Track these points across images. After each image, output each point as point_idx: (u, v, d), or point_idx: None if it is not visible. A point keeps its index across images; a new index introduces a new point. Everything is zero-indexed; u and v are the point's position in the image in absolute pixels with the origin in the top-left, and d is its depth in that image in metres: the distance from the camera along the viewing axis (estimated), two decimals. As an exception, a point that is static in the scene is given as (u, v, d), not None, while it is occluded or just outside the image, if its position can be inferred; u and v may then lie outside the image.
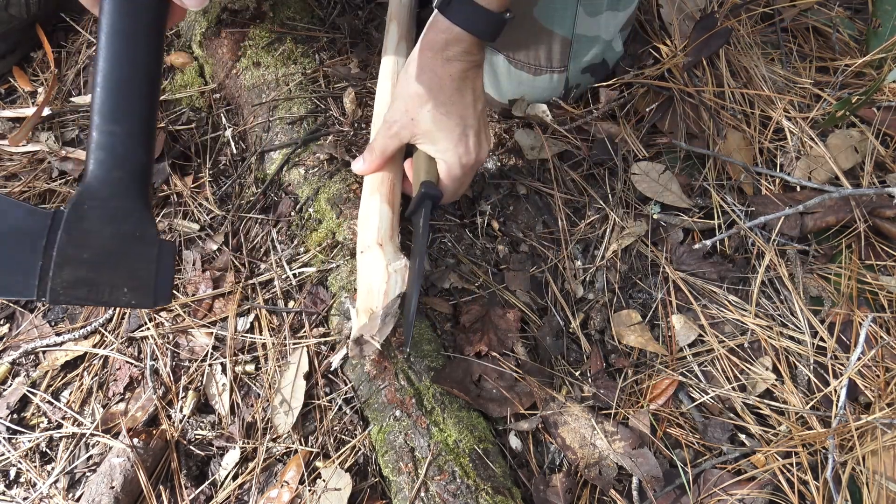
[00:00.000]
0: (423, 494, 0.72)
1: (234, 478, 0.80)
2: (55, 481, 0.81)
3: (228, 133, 1.08)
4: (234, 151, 1.06)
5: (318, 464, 0.79)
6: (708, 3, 1.20)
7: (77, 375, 0.88)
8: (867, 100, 1.03)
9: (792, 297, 0.95)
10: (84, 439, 0.83)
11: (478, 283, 0.92)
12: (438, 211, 0.95)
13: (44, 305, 0.94)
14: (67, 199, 0.54)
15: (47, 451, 0.83)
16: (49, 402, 0.86)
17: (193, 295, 0.93)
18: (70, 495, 0.80)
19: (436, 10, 0.77)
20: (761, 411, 0.87)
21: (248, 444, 0.82)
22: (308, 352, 0.86)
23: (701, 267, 0.98)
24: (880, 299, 0.96)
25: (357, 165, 0.89)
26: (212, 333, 0.89)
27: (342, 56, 1.13)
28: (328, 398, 0.84)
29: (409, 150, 0.90)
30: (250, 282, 0.93)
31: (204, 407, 0.86)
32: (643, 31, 1.17)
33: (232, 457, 0.81)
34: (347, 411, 0.83)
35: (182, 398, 0.85)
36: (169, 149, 1.04)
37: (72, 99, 1.12)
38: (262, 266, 0.95)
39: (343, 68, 1.10)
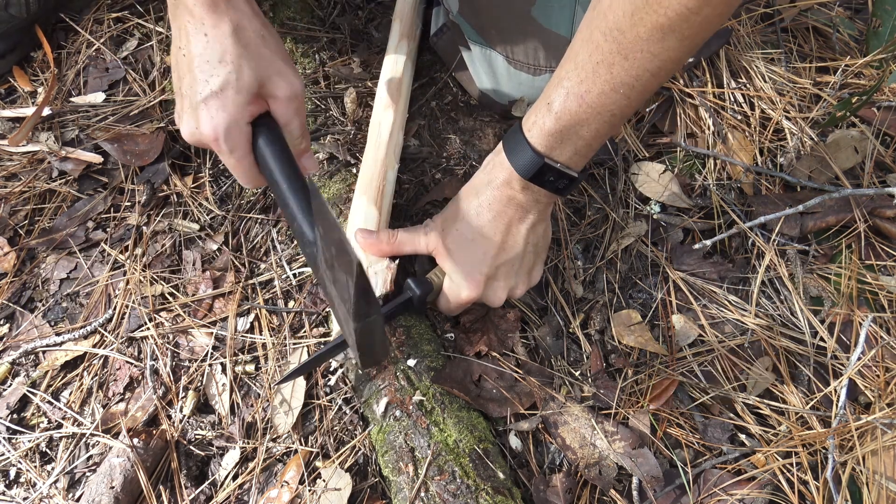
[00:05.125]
0: (423, 494, 0.72)
1: (234, 478, 0.80)
2: (55, 481, 0.81)
3: (228, 133, 1.08)
4: (234, 151, 1.06)
5: (318, 464, 0.79)
6: (708, 3, 1.20)
7: (77, 375, 0.88)
8: (867, 100, 1.03)
9: (792, 297, 0.95)
10: (84, 439, 0.83)
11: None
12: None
13: (43, 305, 0.94)
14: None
15: (47, 451, 0.83)
16: (49, 402, 0.86)
17: (193, 295, 0.93)
18: (70, 495, 0.80)
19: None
20: (761, 411, 0.87)
21: (248, 444, 0.82)
22: (308, 352, 0.86)
23: (701, 267, 0.98)
24: (880, 299, 0.96)
25: (365, 236, 0.82)
26: (212, 333, 0.89)
27: (343, 56, 1.13)
28: (328, 398, 0.84)
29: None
30: (250, 282, 0.93)
31: (204, 407, 0.86)
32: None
33: (232, 457, 0.81)
34: (347, 411, 0.83)
35: (182, 398, 0.85)
36: (169, 149, 1.04)
37: (72, 99, 1.12)
38: (262, 266, 0.95)
39: (345, 68, 1.10)
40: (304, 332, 0.88)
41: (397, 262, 0.83)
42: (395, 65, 1.00)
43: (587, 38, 0.63)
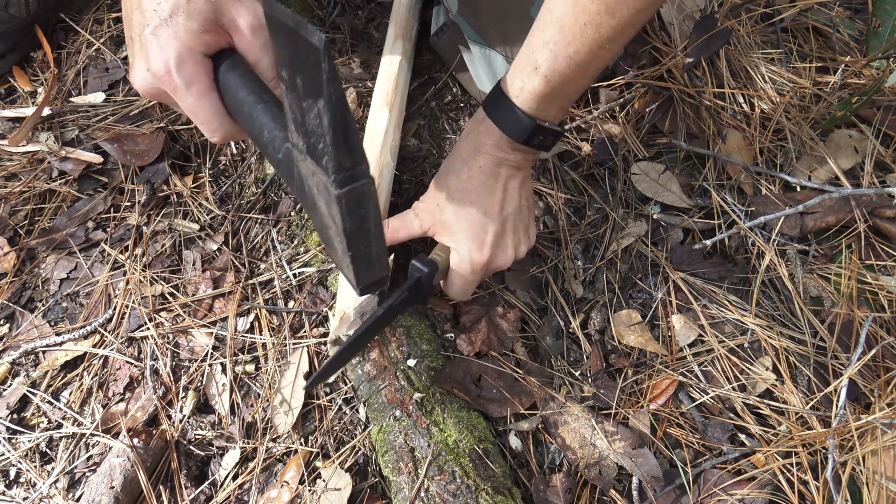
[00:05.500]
0: (423, 494, 0.72)
1: (234, 478, 0.80)
2: (55, 481, 0.81)
3: (228, 133, 1.08)
4: (234, 151, 1.06)
5: (318, 464, 0.79)
6: (708, 3, 1.20)
7: (77, 375, 0.88)
8: (867, 100, 1.03)
9: (792, 297, 0.95)
10: (84, 439, 0.83)
11: (478, 283, 0.91)
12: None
13: (43, 305, 0.94)
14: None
15: (47, 451, 0.83)
16: (49, 402, 0.86)
17: (193, 295, 0.93)
18: (70, 495, 0.80)
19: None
20: (761, 411, 0.87)
21: (248, 444, 0.82)
22: (308, 352, 0.86)
23: (701, 267, 0.98)
24: (880, 299, 0.96)
25: None
26: (212, 333, 0.89)
27: (343, 56, 1.13)
28: (328, 398, 0.84)
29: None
30: (250, 282, 0.93)
31: (204, 407, 0.86)
32: (643, 31, 1.17)
33: (232, 457, 0.81)
34: (347, 411, 0.83)
35: (182, 398, 0.85)
36: (169, 149, 1.04)
37: (72, 99, 1.12)
38: (262, 266, 0.95)
39: (345, 68, 1.10)
40: (304, 332, 0.88)
41: (392, 256, 0.83)
42: (390, 65, 1.00)
43: (572, 2, 0.65)
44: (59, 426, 0.84)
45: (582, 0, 0.63)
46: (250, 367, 0.87)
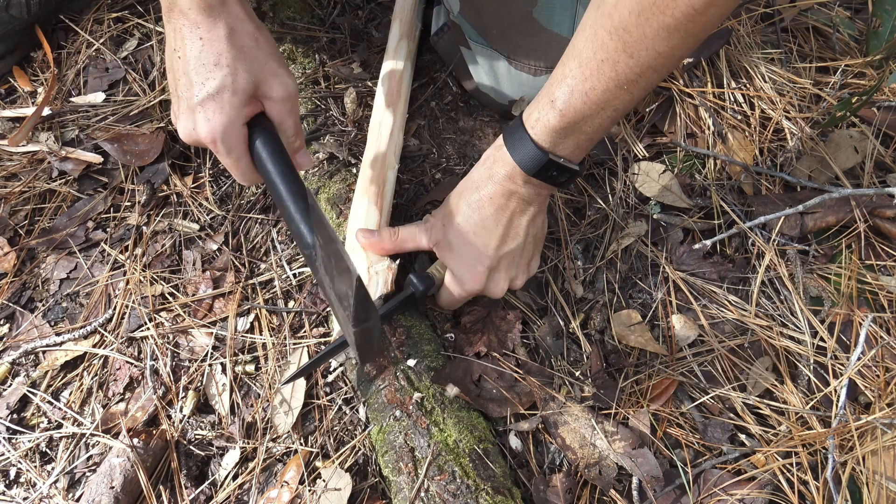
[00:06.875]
0: (423, 494, 0.72)
1: (234, 478, 0.80)
2: (55, 481, 0.81)
3: (228, 133, 1.07)
4: (234, 151, 1.06)
5: (318, 464, 0.79)
6: (708, 3, 1.20)
7: (77, 375, 0.88)
8: (867, 100, 1.03)
9: (792, 297, 0.95)
10: (84, 439, 0.83)
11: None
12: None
13: (43, 305, 0.94)
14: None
15: (47, 451, 0.83)
16: (49, 402, 0.86)
17: (193, 295, 0.93)
18: (70, 495, 0.80)
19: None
20: (761, 411, 0.87)
21: (248, 444, 0.82)
22: (308, 352, 0.86)
23: (701, 267, 0.98)
24: (880, 299, 0.96)
25: (367, 236, 0.83)
26: (212, 333, 0.89)
27: (343, 56, 1.13)
28: (328, 398, 0.84)
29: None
30: (250, 282, 0.93)
31: (204, 407, 0.86)
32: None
33: (232, 457, 0.81)
34: (347, 411, 0.83)
35: (182, 398, 0.85)
36: (169, 149, 1.04)
37: (72, 99, 1.12)
38: (262, 266, 0.95)
39: (345, 68, 1.10)
40: (304, 332, 0.89)
41: (398, 262, 0.83)
42: (394, 65, 1.00)
43: (591, 37, 0.63)
44: (59, 426, 0.84)
45: (600, 36, 0.62)
46: (250, 367, 0.87)
